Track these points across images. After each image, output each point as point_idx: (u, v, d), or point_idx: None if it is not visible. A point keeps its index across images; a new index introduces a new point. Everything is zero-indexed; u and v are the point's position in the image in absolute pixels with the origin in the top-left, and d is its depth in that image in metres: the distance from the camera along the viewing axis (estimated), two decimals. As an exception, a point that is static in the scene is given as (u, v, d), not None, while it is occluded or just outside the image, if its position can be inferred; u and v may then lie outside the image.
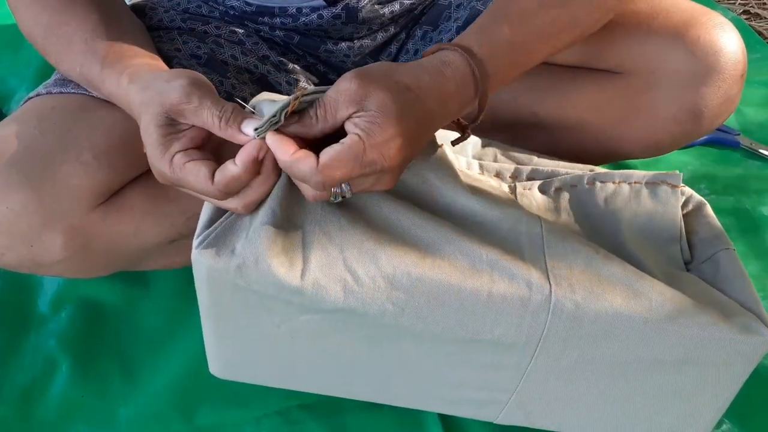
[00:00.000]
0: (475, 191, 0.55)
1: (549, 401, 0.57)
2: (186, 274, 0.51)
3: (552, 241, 0.52)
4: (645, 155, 0.71)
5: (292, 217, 0.50)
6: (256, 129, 0.46)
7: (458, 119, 0.53)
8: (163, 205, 0.63)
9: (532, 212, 0.57)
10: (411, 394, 0.61)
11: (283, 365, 0.60)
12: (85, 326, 0.73)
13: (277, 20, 0.73)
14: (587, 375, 0.54)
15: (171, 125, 0.48)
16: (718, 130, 1.03)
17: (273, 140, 0.45)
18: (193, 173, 0.47)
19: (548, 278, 0.50)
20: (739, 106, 1.07)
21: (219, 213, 0.51)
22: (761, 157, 1.01)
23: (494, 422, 0.60)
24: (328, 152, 0.44)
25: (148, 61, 0.58)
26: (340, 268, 0.49)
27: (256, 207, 0.50)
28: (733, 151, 1.02)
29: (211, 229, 0.49)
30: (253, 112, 0.49)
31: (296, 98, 0.45)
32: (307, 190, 0.48)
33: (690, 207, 0.61)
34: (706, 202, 0.61)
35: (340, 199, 0.48)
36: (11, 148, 0.57)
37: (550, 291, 0.49)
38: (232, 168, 0.46)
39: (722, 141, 1.02)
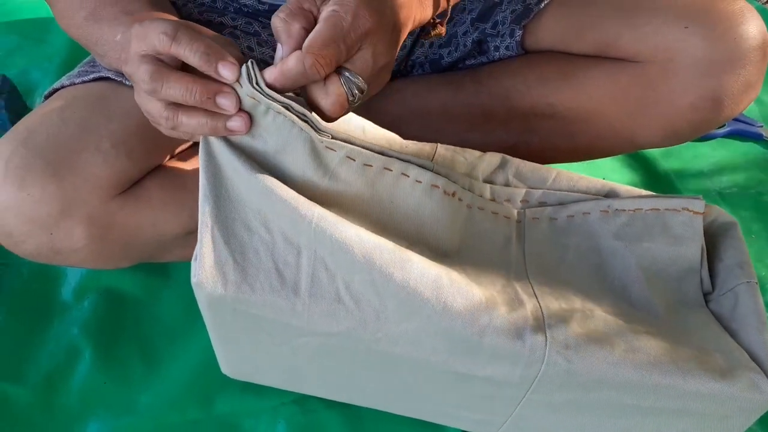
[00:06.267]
0: (471, 231, 0.54)
1: (544, 427, 0.57)
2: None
3: (548, 296, 0.52)
4: (664, 144, 0.70)
5: (285, 239, 0.50)
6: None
7: (432, 19, 0.55)
8: (182, 196, 0.64)
9: (536, 249, 0.55)
10: (413, 408, 0.62)
11: (288, 374, 0.61)
12: (106, 315, 0.74)
13: None
14: (582, 411, 0.53)
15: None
16: (741, 121, 1.01)
17: (270, 72, 0.46)
18: (160, 24, 0.46)
19: (545, 332, 0.48)
20: (762, 97, 1.07)
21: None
22: (785, 150, 1.00)
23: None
24: (310, 34, 0.45)
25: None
26: (333, 294, 0.49)
27: (171, 118, 0.48)
28: (756, 143, 1.01)
29: (199, 256, 0.49)
30: (287, 107, 0.49)
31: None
32: (320, 98, 0.47)
33: (716, 226, 0.58)
34: (737, 222, 0.58)
35: (357, 94, 0.48)
36: (34, 138, 0.58)
37: (546, 345, 0.48)
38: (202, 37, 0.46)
39: (745, 133, 1.01)
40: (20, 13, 1.17)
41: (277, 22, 0.47)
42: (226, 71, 0.46)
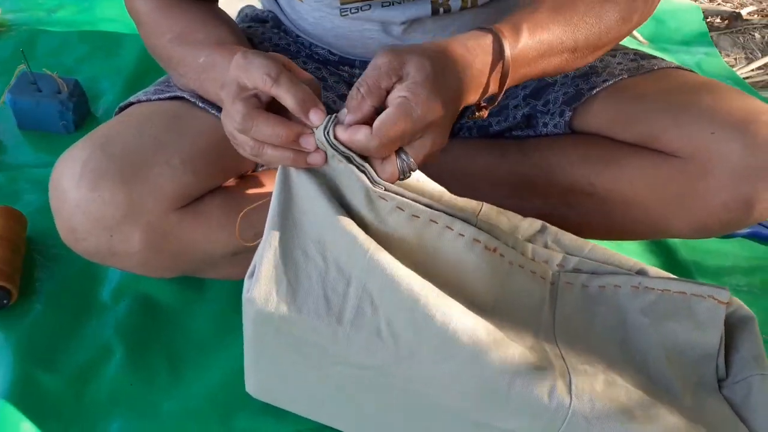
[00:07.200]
0: (509, 287, 0.57)
1: None
2: (241, 285, 0.55)
3: (574, 359, 0.54)
4: (692, 236, 0.73)
5: (338, 269, 0.53)
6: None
7: (478, 102, 0.59)
8: (236, 219, 0.68)
9: (566, 313, 0.58)
10: None
11: (312, 402, 0.63)
12: (139, 319, 0.77)
13: (357, 71, 0.79)
14: None
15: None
16: (764, 225, 1.04)
17: (340, 132, 0.51)
18: (264, 64, 0.51)
19: (570, 392, 0.51)
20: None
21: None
22: (805, 259, 1.02)
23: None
24: (381, 117, 0.50)
25: None
26: (374, 328, 0.52)
27: (255, 148, 0.53)
28: (774, 248, 1.04)
29: (256, 273, 0.52)
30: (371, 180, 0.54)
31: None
32: (376, 169, 0.53)
33: (736, 318, 0.61)
34: (755, 316, 0.61)
35: (408, 172, 0.53)
36: (113, 146, 0.63)
37: (570, 405, 0.51)
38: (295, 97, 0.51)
39: (766, 236, 1.04)
40: (96, 25, 1.25)
41: (354, 93, 0.52)
42: (315, 117, 0.51)
